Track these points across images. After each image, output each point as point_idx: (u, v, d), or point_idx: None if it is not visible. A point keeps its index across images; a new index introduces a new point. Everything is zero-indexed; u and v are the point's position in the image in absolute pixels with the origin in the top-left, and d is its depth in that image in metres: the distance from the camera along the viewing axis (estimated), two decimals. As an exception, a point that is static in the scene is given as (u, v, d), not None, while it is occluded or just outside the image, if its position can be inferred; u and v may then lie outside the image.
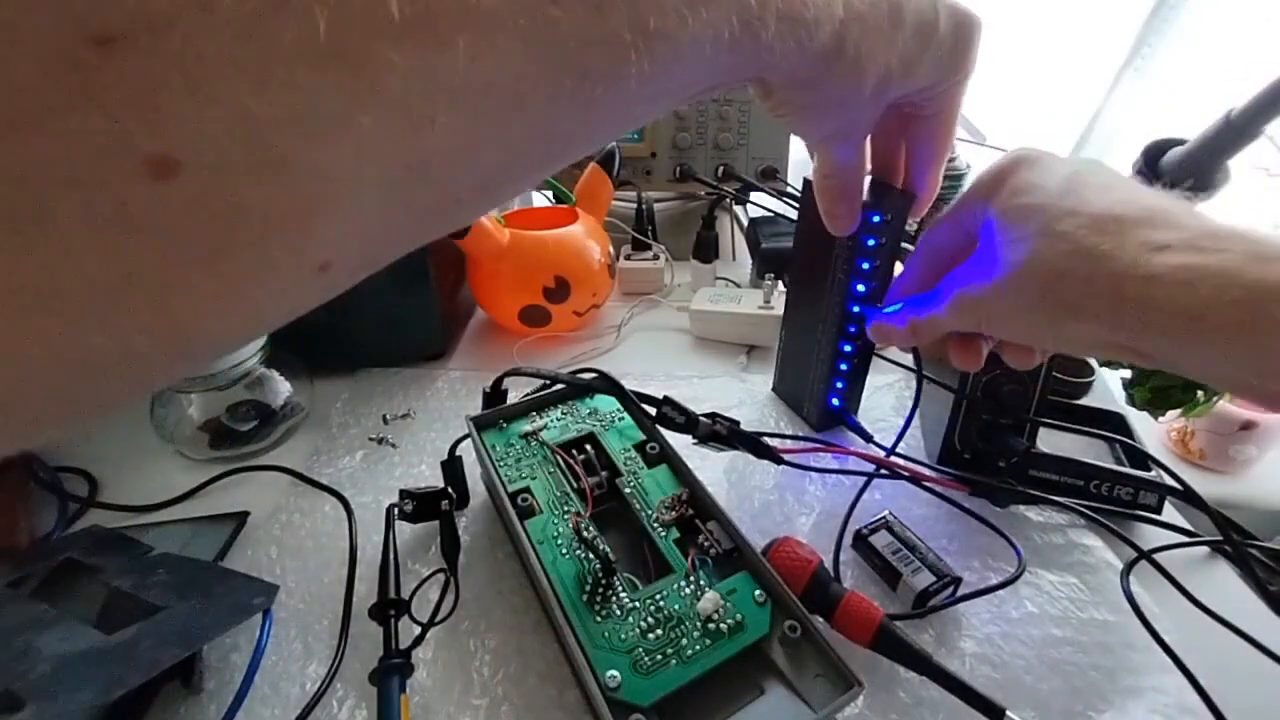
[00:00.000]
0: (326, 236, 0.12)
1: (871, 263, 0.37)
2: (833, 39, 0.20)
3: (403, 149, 0.12)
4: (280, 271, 0.12)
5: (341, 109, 0.11)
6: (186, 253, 0.10)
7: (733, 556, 0.31)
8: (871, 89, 0.23)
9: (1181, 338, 0.21)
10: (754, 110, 0.71)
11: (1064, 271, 0.24)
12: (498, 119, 0.13)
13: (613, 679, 0.25)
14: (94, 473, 0.43)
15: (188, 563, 0.33)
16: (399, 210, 0.13)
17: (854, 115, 0.25)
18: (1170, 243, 0.22)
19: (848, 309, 0.39)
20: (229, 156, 0.10)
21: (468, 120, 0.13)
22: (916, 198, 0.33)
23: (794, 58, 0.20)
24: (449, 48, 0.11)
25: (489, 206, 0.17)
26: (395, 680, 0.29)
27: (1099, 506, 0.39)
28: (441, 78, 0.12)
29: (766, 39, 0.18)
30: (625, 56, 0.14)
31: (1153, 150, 0.46)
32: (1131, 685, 0.31)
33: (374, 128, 0.11)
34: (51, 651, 0.27)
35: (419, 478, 0.43)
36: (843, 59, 0.21)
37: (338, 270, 0.13)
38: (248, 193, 0.10)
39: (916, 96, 0.26)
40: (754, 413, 0.48)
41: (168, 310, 0.11)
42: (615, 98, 0.15)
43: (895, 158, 0.33)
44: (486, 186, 0.15)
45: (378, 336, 0.52)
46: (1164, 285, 0.21)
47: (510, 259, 0.52)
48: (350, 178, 0.12)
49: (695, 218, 0.67)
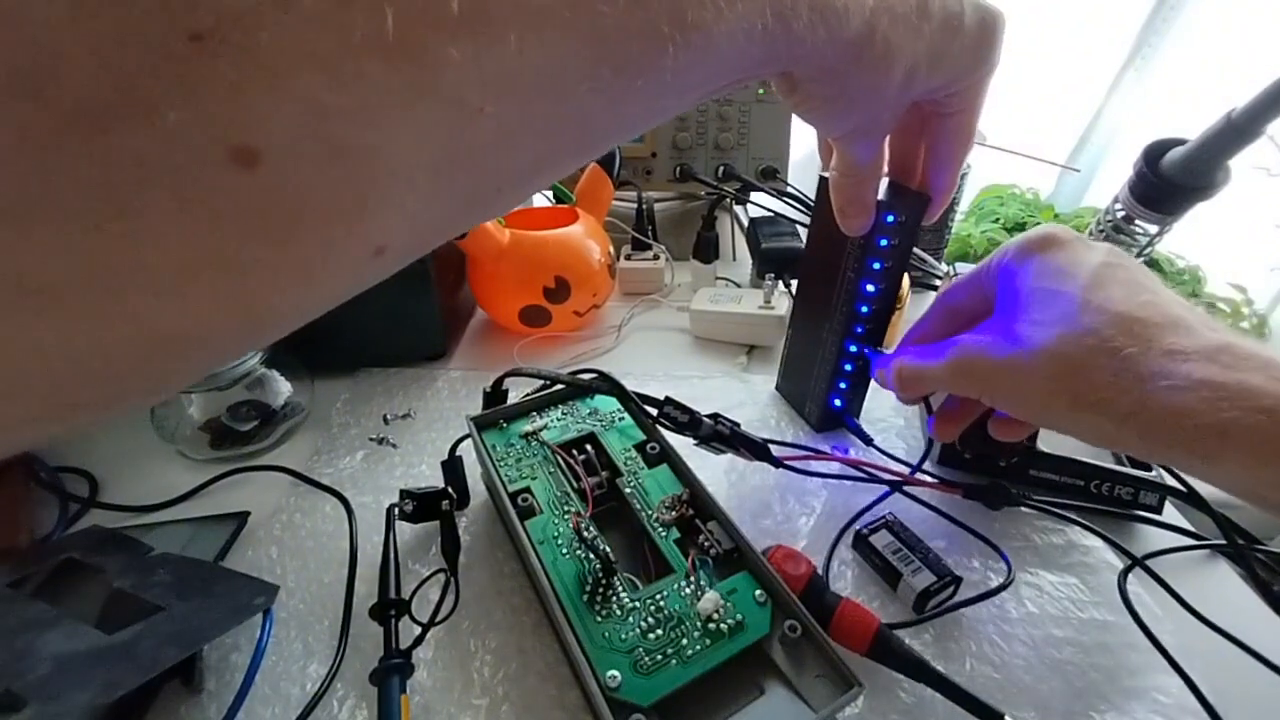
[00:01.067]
0: (383, 222, 0.13)
1: (883, 263, 0.37)
2: (863, 28, 0.20)
3: (453, 138, 0.13)
4: (342, 254, 0.13)
5: (403, 100, 0.11)
6: (261, 236, 0.11)
7: (733, 556, 0.31)
8: (899, 82, 0.23)
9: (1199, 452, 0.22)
10: (754, 110, 0.71)
11: (1086, 366, 0.24)
12: (540, 109, 0.14)
13: (613, 679, 0.25)
14: (94, 473, 0.43)
15: (188, 563, 0.33)
16: (445, 197, 0.14)
17: (878, 111, 0.25)
18: (1193, 353, 0.22)
19: (856, 309, 0.39)
20: (302, 146, 0.11)
21: (513, 110, 0.13)
22: (932, 200, 0.33)
23: (825, 48, 0.20)
24: (501, 41, 0.12)
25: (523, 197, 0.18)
26: (395, 680, 0.29)
27: (1098, 508, 0.39)
28: (492, 69, 0.12)
29: (798, 29, 0.18)
30: (663, 48, 0.15)
31: (1153, 150, 0.45)
32: (1132, 686, 0.31)
33: (429, 118, 0.12)
34: (52, 651, 0.27)
35: (419, 478, 0.43)
36: (872, 49, 0.21)
37: (390, 254, 0.14)
38: (316, 180, 0.11)
39: (940, 93, 0.26)
40: (755, 413, 0.48)
41: (242, 289, 0.12)
42: (649, 89, 0.15)
43: (914, 159, 0.33)
44: (524, 175, 0.16)
45: (378, 336, 0.52)
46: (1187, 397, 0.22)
47: (510, 259, 0.52)
48: (406, 166, 0.12)
49: (695, 218, 0.67)
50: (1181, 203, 0.45)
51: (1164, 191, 0.45)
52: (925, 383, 0.31)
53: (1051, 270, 0.27)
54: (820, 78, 0.22)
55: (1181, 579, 0.35)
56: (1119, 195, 0.48)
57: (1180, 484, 0.38)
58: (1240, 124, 0.40)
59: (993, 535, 0.38)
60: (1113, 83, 1.23)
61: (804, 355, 0.45)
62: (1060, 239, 0.28)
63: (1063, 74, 1.21)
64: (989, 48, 0.25)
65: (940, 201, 0.33)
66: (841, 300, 0.39)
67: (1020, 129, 0.97)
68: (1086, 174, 1.29)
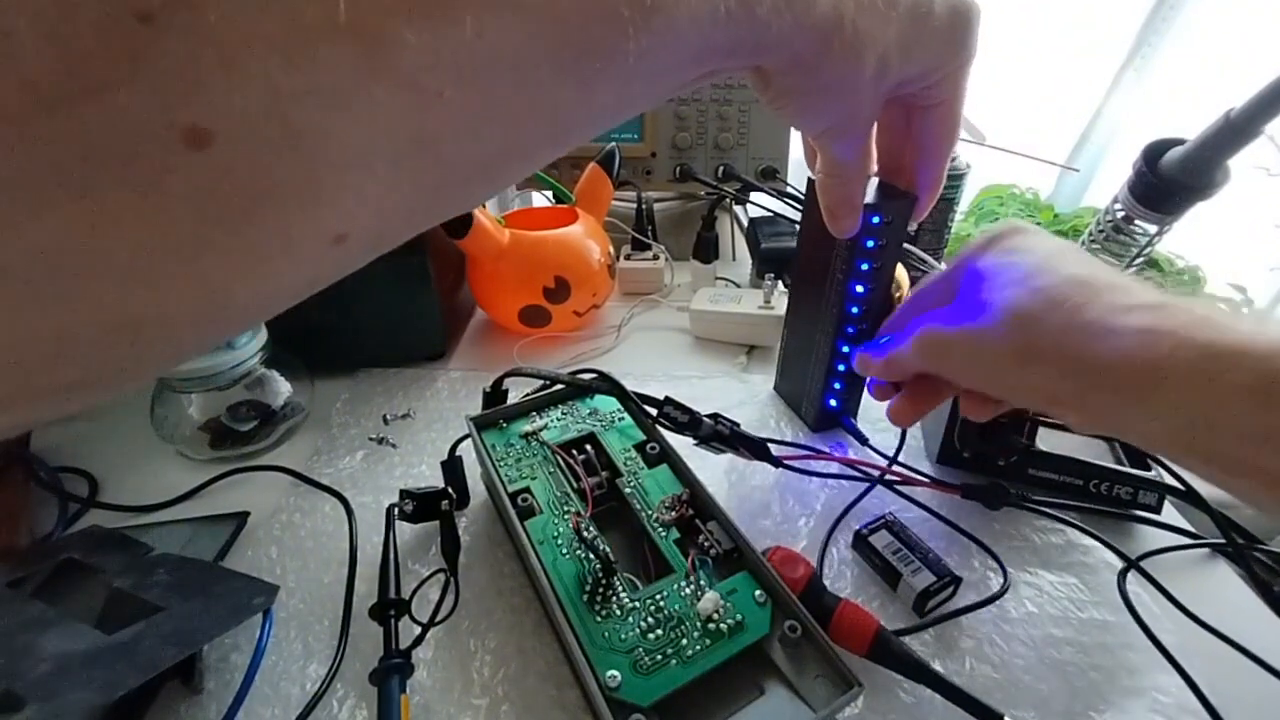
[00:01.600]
0: (340, 207, 0.13)
1: (871, 264, 0.37)
2: (830, 13, 0.20)
3: (411, 123, 0.12)
4: (298, 240, 0.13)
5: (357, 83, 0.11)
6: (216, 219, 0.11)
7: (733, 556, 0.31)
8: (871, 72, 0.23)
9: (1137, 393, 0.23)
10: (754, 110, 0.71)
11: (1037, 317, 0.25)
12: (501, 94, 0.13)
13: (613, 679, 0.25)
14: (94, 473, 0.43)
15: (188, 563, 0.33)
16: (408, 186, 0.14)
17: (855, 105, 0.25)
18: (1134, 305, 0.24)
19: (846, 310, 0.39)
20: (255, 128, 0.10)
21: (473, 95, 0.13)
22: (918, 200, 0.33)
23: (792, 35, 0.20)
24: (458, 24, 0.12)
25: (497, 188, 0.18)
26: (395, 680, 0.29)
27: (1097, 508, 0.39)
28: (449, 53, 0.12)
29: (762, 14, 0.18)
30: (623, 31, 0.15)
31: (1153, 150, 0.45)
32: (1131, 685, 0.31)
33: (385, 101, 0.12)
34: (51, 651, 0.27)
35: (419, 478, 0.43)
36: (841, 34, 0.21)
37: (352, 244, 0.14)
38: (269, 162, 0.11)
39: (918, 84, 0.26)
40: (754, 413, 0.48)
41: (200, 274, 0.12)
42: (614, 75, 0.15)
43: (901, 157, 0.33)
44: (493, 165, 0.16)
45: (378, 336, 0.52)
46: (1128, 339, 0.23)
47: (510, 259, 0.52)
48: (362, 150, 0.12)
49: (695, 218, 0.67)
50: (1181, 202, 0.45)
51: (1163, 191, 0.45)
52: (899, 364, 0.33)
53: (1010, 250, 0.29)
54: (791, 70, 0.22)
55: (1180, 579, 0.35)
56: (1118, 195, 0.48)
57: (1179, 483, 0.38)
58: (1239, 123, 0.40)
59: (992, 535, 0.38)
60: (1112, 82, 1.23)
61: (799, 356, 0.45)
62: (1021, 228, 0.30)
63: (1062, 74, 1.21)
64: (963, 34, 0.25)
65: (927, 199, 0.33)
66: (831, 301, 0.39)
67: (1020, 129, 0.97)
68: (1086, 174, 1.29)
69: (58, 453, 0.44)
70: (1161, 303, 0.24)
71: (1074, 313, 0.25)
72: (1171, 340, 0.22)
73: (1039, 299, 0.26)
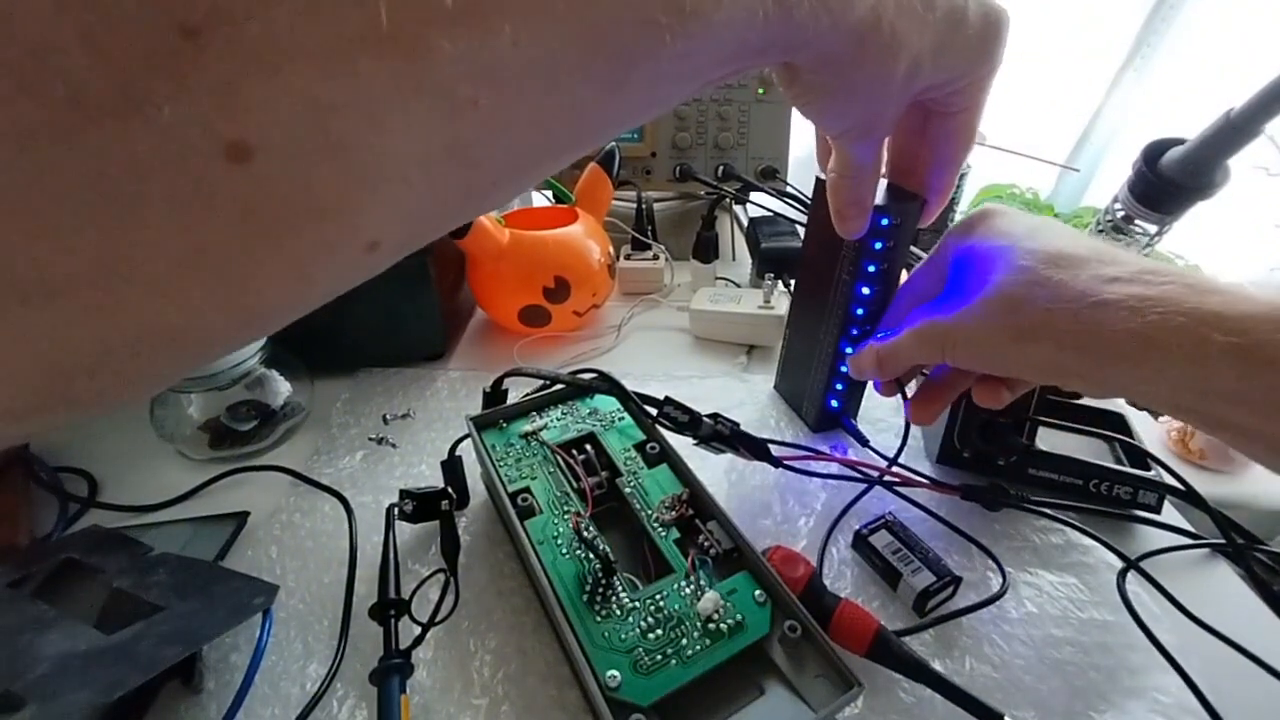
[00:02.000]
0: (376, 217, 0.13)
1: (878, 266, 0.37)
2: (869, 14, 0.20)
3: (446, 131, 0.12)
4: (335, 249, 0.13)
5: (396, 94, 0.11)
6: (255, 231, 0.11)
7: (733, 556, 0.31)
8: (903, 75, 0.23)
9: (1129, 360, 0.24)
10: (754, 110, 0.71)
11: (1025, 298, 0.26)
12: (534, 101, 0.13)
13: (613, 679, 0.25)
14: (94, 473, 0.43)
15: (188, 563, 0.33)
16: (440, 192, 0.14)
17: (881, 107, 0.25)
18: (1118, 275, 0.25)
19: (851, 311, 0.39)
20: (296, 140, 0.11)
21: (507, 102, 0.13)
22: (927, 203, 0.33)
23: (828, 35, 0.19)
24: (496, 33, 0.12)
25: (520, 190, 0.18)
26: (395, 680, 0.29)
27: (1096, 508, 0.39)
28: (485, 62, 0.12)
29: (800, 16, 0.18)
30: (659, 38, 0.14)
31: (1153, 150, 0.45)
32: (1131, 685, 0.31)
33: (423, 111, 0.12)
34: (51, 651, 0.27)
35: (419, 478, 0.43)
36: (878, 36, 0.21)
37: (384, 249, 0.14)
38: (310, 174, 0.11)
39: (943, 90, 0.26)
40: (754, 413, 0.48)
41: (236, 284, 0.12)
42: (646, 79, 0.15)
43: (914, 160, 0.33)
44: (520, 168, 0.16)
45: (378, 336, 0.52)
46: (1115, 310, 0.24)
47: (510, 259, 0.52)
48: (400, 161, 0.12)
49: (695, 218, 0.67)
50: (1181, 202, 0.45)
51: (1163, 191, 0.45)
52: (896, 358, 0.33)
53: (993, 233, 0.29)
54: (822, 68, 0.22)
55: (1180, 579, 0.35)
56: (1118, 195, 0.48)
57: (1179, 483, 0.38)
58: (1239, 123, 0.40)
59: (992, 536, 0.38)
60: (1112, 82, 1.23)
61: (801, 356, 0.45)
62: (999, 210, 0.31)
63: (1062, 74, 1.21)
64: (993, 44, 0.25)
65: (937, 203, 0.33)
66: (837, 302, 0.39)
67: (1020, 129, 0.97)
68: (1086, 174, 1.29)
69: (58, 453, 0.44)
70: (1140, 270, 0.25)
71: (1060, 288, 0.25)
72: (1157, 308, 0.23)
73: (1025, 277, 0.26)
